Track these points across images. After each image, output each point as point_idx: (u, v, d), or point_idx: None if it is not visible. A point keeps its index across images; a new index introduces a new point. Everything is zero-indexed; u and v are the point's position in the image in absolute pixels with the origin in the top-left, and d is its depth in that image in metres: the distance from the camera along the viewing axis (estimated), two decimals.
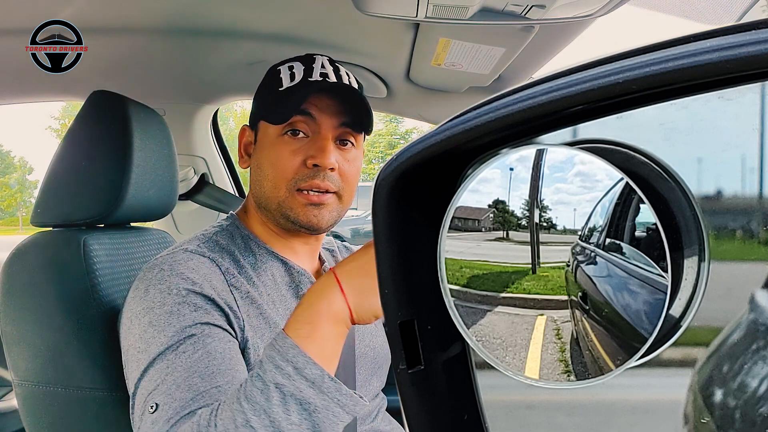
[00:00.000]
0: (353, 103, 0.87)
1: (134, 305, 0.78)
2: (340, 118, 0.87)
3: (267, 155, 0.88)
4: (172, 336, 0.72)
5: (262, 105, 0.92)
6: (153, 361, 0.72)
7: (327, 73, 0.88)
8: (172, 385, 0.69)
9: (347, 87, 0.88)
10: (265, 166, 0.88)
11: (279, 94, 0.88)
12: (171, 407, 0.67)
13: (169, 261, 0.80)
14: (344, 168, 0.88)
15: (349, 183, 0.89)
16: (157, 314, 0.75)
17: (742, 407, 0.32)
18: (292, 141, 0.86)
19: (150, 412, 0.68)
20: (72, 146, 0.99)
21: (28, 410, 0.96)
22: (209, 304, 0.77)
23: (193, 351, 0.71)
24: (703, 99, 0.29)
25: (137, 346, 0.75)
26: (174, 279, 0.77)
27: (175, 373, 0.70)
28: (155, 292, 0.77)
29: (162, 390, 0.69)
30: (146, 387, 0.71)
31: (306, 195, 0.85)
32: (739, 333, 0.33)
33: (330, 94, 0.86)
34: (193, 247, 0.84)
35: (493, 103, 0.34)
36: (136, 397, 0.73)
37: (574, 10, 0.93)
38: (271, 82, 0.90)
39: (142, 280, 0.80)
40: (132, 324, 0.77)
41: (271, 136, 0.88)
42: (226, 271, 0.82)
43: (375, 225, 0.40)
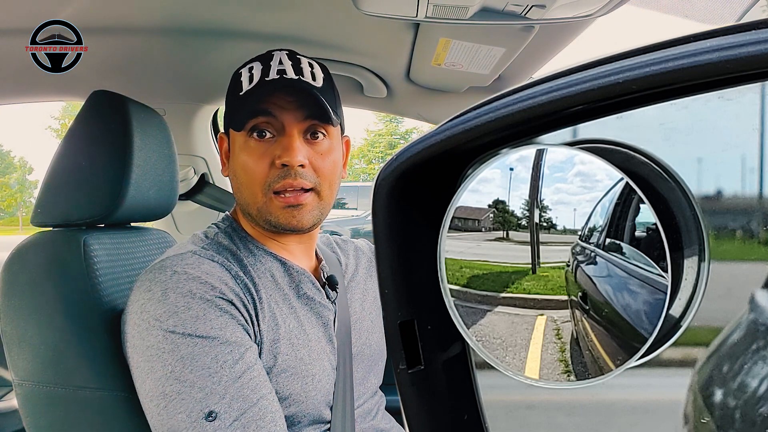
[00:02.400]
0: (313, 95, 0.84)
1: (151, 307, 0.77)
2: (302, 111, 0.85)
3: (238, 161, 0.87)
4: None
5: (227, 112, 0.93)
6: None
7: (284, 69, 0.86)
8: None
9: (304, 81, 0.85)
10: (239, 173, 0.87)
11: (239, 99, 0.87)
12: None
13: (181, 264, 0.80)
14: (317, 162, 0.86)
15: (326, 177, 0.87)
16: (182, 318, 0.74)
17: (742, 407, 0.32)
18: (259, 144, 0.85)
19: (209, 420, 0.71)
20: (72, 146, 0.99)
21: (28, 410, 0.96)
22: (233, 308, 0.78)
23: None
24: (703, 99, 0.29)
25: (162, 347, 0.75)
26: (193, 283, 0.77)
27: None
28: (176, 295, 0.76)
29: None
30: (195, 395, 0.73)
31: (283, 197, 0.84)
32: (739, 333, 0.33)
33: (287, 90, 0.84)
34: (199, 249, 0.84)
35: (493, 103, 0.34)
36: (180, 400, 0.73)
37: (574, 10, 0.93)
38: (233, 88, 0.90)
39: (156, 282, 0.78)
40: (152, 327, 0.76)
41: (239, 142, 0.87)
42: (236, 275, 0.82)
43: (375, 225, 0.40)
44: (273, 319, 0.82)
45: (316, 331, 0.88)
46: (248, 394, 0.74)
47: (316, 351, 0.86)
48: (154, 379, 0.75)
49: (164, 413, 0.73)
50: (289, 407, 0.81)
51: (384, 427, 0.98)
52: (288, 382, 0.81)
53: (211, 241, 0.88)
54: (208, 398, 0.72)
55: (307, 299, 0.90)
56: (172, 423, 0.72)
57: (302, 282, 0.90)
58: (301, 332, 0.85)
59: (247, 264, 0.85)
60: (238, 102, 0.87)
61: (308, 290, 0.90)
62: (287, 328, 0.83)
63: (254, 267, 0.86)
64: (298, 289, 0.89)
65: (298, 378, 0.82)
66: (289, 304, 0.86)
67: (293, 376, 0.82)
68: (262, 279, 0.86)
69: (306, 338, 0.85)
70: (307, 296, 0.90)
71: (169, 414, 0.72)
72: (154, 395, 0.74)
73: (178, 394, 0.72)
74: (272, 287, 0.86)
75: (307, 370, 0.83)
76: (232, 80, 0.92)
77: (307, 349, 0.84)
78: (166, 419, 0.73)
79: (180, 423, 0.72)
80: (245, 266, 0.85)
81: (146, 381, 0.76)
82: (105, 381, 0.89)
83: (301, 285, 0.90)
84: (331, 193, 0.90)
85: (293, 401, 0.82)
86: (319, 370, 0.85)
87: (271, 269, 0.88)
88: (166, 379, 0.73)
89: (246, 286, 0.82)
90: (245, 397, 0.73)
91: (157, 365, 0.74)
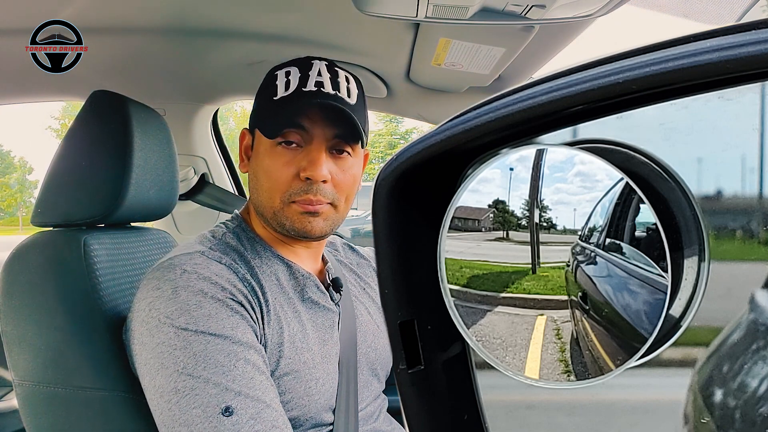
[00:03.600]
0: (347, 114, 0.84)
1: (161, 305, 0.76)
2: (332, 129, 0.85)
3: (261, 164, 0.88)
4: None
5: (258, 112, 0.92)
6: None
7: (323, 81, 0.85)
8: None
9: (341, 98, 0.86)
10: (261, 177, 0.88)
11: (273, 104, 0.86)
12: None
13: (190, 263, 0.79)
14: (338, 178, 0.87)
15: (344, 192, 0.89)
16: (194, 316, 0.74)
17: (742, 407, 0.32)
18: (285, 152, 0.86)
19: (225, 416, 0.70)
20: (72, 146, 0.99)
21: (28, 410, 0.96)
22: (243, 309, 0.78)
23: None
24: (703, 99, 0.29)
25: (174, 344, 0.74)
26: (204, 283, 0.77)
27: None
28: (188, 294, 0.76)
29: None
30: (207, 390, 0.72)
31: (301, 204, 0.85)
32: (739, 333, 0.32)
33: (323, 107, 0.84)
34: (207, 249, 0.84)
35: (493, 103, 0.34)
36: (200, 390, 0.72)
37: (574, 10, 0.93)
38: (267, 89, 0.89)
39: (165, 280, 0.78)
40: (162, 324, 0.75)
41: (265, 145, 0.88)
42: (243, 277, 0.82)
43: (375, 225, 0.40)
44: (278, 322, 0.82)
45: (321, 335, 0.88)
46: (261, 395, 0.73)
47: (320, 355, 0.86)
48: (164, 375, 0.73)
49: (176, 409, 0.71)
50: (292, 410, 0.81)
51: (385, 429, 0.98)
52: (291, 385, 0.81)
53: (219, 242, 0.87)
54: (223, 394, 0.71)
55: (312, 303, 0.90)
56: (186, 418, 0.71)
57: (307, 285, 0.90)
58: (304, 336, 0.85)
59: (254, 266, 0.86)
60: (271, 107, 0.87)
61: (313, 294, 0.90)
62: (291, 332, 0.83)
63: (260, 269, 0.86)
64: (303, 293, 0.89)
65: (301, 381, 0.82)
66: (293, 307, 0.87)
67: (296, 380, 0.82)
68: (268, 282, 0.86)
69: (309, 342, 0.85)
70: (312, 300, 0.90)
71: (182, 410, 0.71)
72: (164, 391, 0.73)
73: (191, 390, 0.71)
74: (277, 290, 0.86)
75: (311, 373, 0.83)
76: (267, 81, 0.90)
77: (310, 353, 0.84)
78: (179, 415, 0.71)
79: (195, 418, 0.70)
80: (252, 268, 0.85)
81: (156, 377, 0.75)
82: (105, 381, 0.89)
83: (306, 289, 0.90)
84: (347, 207, 0.91)
85: (296, 404, 0.82)
86: (323, 373, 0.85)
87: (276, 272, 0.88)
88: (179, 375, 0.72)
89: (253, 289, 0.82)
90: (258, 398, 0.73)
91: (168, 362, 0.73)
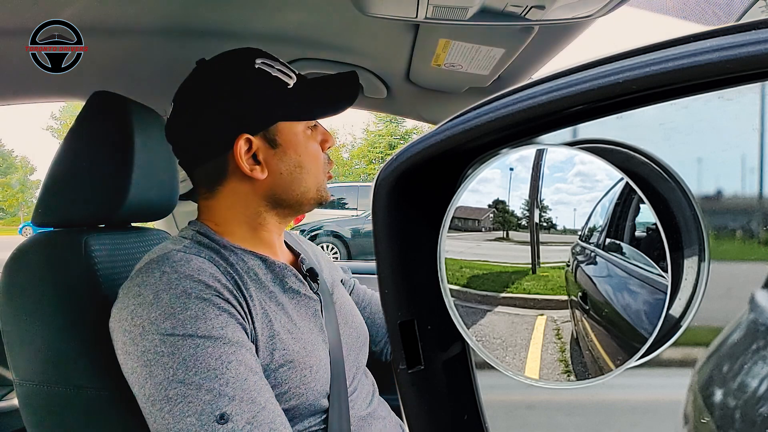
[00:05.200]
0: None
1: (143, 312, 0.74)
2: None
3: (308, 151, 0.91)
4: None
5: (275, 107, 0.89)
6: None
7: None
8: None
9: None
10: (307, 163, 0.91)
11: (294, 92, 0.89)
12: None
13: (168, 263, 0.78)
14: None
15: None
16: (180, 319, 0.72)
17: (742, 407, 0.32)
18: (313, 131, 0.93)
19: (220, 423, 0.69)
20: (73, 147, 0.99)
21: (28, 410, 0.96)
22: (230, 306, 0.77)
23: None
24: (703, 99, 0.29)
25: (160, 350, 0.72)
26: (186, 282, 0.75)
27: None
28: (170, 296, 0.74)
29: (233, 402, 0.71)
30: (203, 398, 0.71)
31: (327, 174, 0.95)
32: (739, 333, 0.33)
33: (351, 85, 0.97)
34: (182, 247, 0.83)
35: (493, 103, 0.34)
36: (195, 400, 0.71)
37: (574, 10, 0.93)
38: (268, 83, 0.88)
39: (144, 285, 0.76)
40: (146, 331, 0.73)
41: (301, 131, 0.91)
42: (225, 271, 0.81)
43: (375, 225, 0.40)
44: (265, 315, 0.82)
45: (307, 323, 0.88)
46: (256, 397, 0.72)
47: (311, 342, 0.86)
48: (154, 384, 0.71)
49: (170, 417, 0.70)
50: (289, 401, 0.81)
51: (381, 414, 0.98)
52: (287, 376, 0.81)
53: (191, 241, 0.86)
54: (217, 400, 0.69)
55: (294, 293, 0.89)
56: (181, 427, 0.69)
57: (286, 276, 0.89)
58: (293, 326, 0.85)
59: (232, 261, 0.85)
60: (297, 94, 0.90)
61: (293, 284, 0.90)
62: (280, 324, 0.83)
63: (239, 264, 0.85)
64: (283, 284, 0.89)
65: (297, 371, 0.82)
66: (276, 300, 0.86)
67: (291, 370, 0.82)
68: (248, 275, 0.85)
69: (299, 331, 0.85)
70: (293, 290, 0.89)
71: (176, 418, 0.69)
72: (156, 399, 0.71)
73: (183, 398, 0.69)
74: (258, 284, 0.85)
75: (305, 362, 0.83)
76: (258, 78, 0.88)
77: (301, 342, 0.84)
78: (173, 423, 0.69)
79: (190, 427, 0.69)
80: (231, 263, 0.84)
81: (145, 386, 0.72)
82: (106, 381, 0.89)
83: (285, 279, 0.89)
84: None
85: (293, 395, 0.82)
86: (316, 360, 0.85)
87: (253, 267, 0.87)
88: (169, 383, 0.70)
89: (236, 283, 0.81)
90: (254, 400, 0.71)
91: (157, 370, 0.71)
